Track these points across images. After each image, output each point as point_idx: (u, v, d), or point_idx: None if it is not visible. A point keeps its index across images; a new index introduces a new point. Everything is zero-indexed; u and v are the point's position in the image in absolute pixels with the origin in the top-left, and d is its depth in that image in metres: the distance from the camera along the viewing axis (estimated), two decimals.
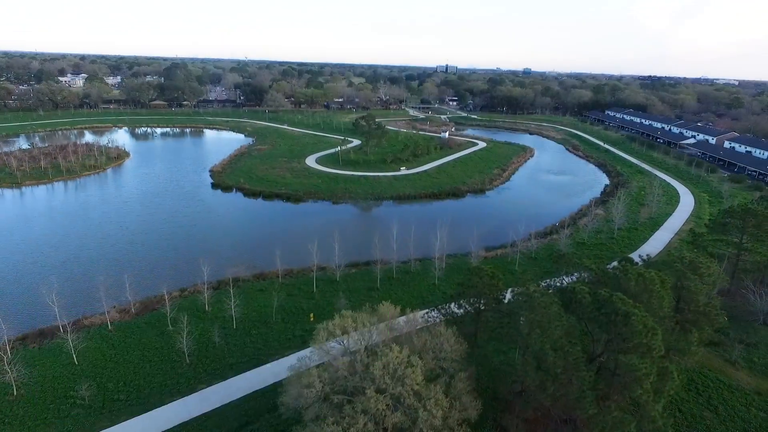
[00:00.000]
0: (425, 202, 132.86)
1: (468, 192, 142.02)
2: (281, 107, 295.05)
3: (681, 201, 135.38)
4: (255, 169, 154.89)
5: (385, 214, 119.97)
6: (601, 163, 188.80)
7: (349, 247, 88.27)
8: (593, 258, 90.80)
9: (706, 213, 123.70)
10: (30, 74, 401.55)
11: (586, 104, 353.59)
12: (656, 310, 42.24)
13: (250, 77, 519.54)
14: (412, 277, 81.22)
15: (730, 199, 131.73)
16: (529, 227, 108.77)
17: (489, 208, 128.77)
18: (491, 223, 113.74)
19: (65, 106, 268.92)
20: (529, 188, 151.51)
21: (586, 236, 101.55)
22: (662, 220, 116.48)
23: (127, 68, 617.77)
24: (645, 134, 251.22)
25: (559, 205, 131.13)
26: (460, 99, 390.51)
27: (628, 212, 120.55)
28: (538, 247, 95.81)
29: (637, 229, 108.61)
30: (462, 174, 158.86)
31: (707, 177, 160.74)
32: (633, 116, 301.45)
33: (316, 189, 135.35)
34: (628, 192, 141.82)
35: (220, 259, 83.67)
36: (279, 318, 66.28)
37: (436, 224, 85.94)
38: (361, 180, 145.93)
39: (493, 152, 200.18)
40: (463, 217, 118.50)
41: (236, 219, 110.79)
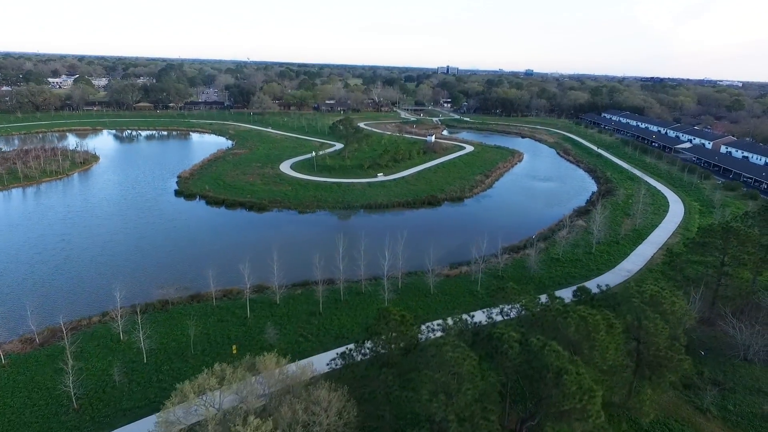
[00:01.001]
0: (398, 211, 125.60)
1: (445, 200, 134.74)
2: (268, 109, 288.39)
3: (670, 210, 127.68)
4: (225, 175, 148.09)
5: (351, 225, 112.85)
6: (591, 169, 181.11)
7: (298, 263, 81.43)
8: (563, 278, 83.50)
9: (695, 224, 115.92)
10: (19, 75, 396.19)
11: (582, 106, 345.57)
12: (599, 363, 34.92)
13: (244, 78, 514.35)
14: (361, 299, 74.00)
15: (722, 209, 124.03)
16: (504, 240, 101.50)
17: (464, 219, 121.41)
18: (462, 235, 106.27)
19: (46, 108, 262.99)
20: (512, 196, 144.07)
21: (562, 251, 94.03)
22: (647, 233, 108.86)
23: (122, 69, 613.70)
24: (640, 138, 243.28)
25: (540, 215, 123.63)
26: (454, 101, 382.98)
27: (612, 223, 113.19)
28: (507, 264, 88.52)
29: (619, 242, 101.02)
30: (442, 180, 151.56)
31: (700, 184, 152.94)
32: (629, 119, 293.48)
33: (284, 197, 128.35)
34: (614, 201, 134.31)
35: (148, 279, 76.78)
36: (199, 349, 59.15)
37: (400, 237, 78.70)
38: (334, 187, 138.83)
39: (480, 157, 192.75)
40: (433, 229, 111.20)
41: (187, 231, 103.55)
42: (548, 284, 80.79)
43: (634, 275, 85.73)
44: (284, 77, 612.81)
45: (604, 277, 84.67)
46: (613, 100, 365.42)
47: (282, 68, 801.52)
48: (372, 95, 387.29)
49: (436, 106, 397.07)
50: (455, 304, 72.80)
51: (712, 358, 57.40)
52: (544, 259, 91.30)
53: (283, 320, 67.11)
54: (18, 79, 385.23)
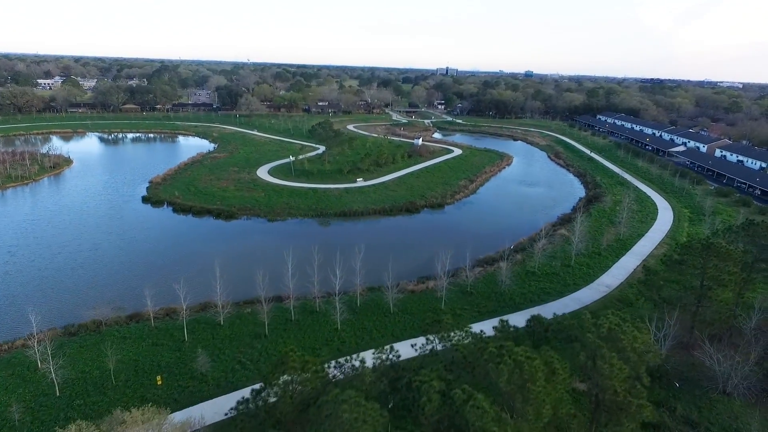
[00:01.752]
0: (374, 218, 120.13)
1: (425, 207, 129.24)
2: (256, 111, 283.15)
3: (658, 218, 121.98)
4: (198, 181, 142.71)
5: (320, 234, 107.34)
6: (581, 173, 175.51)
7: (250, 278, 75.61)
8: (536, 294, 77.89)
9: (683, 233, 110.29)
10: (8, 77, 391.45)
11: (577, 108, 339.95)
12: (532, 421, 29.36)
13: (238, 80, 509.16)
14: (314, 319, 68.42)
15: (712, 217, 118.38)
16: (480, 250, 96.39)
17: (442, 227, 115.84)
18: (437, 245, 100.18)
19: (29, 111, 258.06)
20: (495, 202, 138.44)
21: (538, 264, 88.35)
22: (632, 243, 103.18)
23: (116, 70, 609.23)
24: (634, 141, 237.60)
25: (522, 223, 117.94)
26: (447, 103, 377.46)
27: (595, 232, 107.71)
28: (478, 278, 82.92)
29: (600, 254, 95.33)
30: (424, 186, 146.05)
31: (692, 189, 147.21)
32: (624, 121, 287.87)
33: (255, 204, 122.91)
34: (600, 208, 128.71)
35: (87, 296, 71.40)
36: (122, 380, 53.63)
37: (368, 248, 73.40)
38: (309, 193, 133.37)
39: (467, 161, 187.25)
40: (407, 238, 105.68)
41: (145, 242, 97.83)
42: (519, 301, 75.29)
43: (614, 291, 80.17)
44: (280, 79, 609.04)
45: (580, 293, 79.12)
46: (609, 102, 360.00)
47: (279, 69, 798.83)
48: (365, 97, 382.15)
49: (430, 108, 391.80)
50: (415, 325, 67.26)
51: (688, 391, 51.79)
52: (518, 273, 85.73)
53: (224, 344, 61.60)
54: (5, 81, 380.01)
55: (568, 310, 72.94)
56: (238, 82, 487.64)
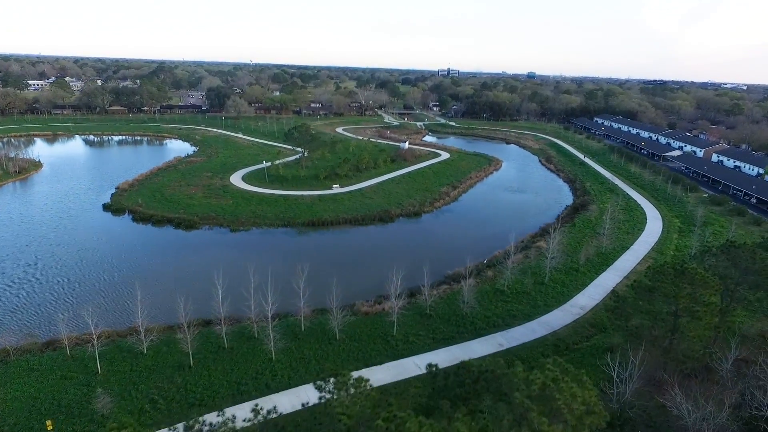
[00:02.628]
0: (345, 228, 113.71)
1: (400, 215, 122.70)
2: (244, 113, 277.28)
3: (646, 228, 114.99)
4: (167, 187, 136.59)
5: (281, 246, 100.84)
6: (571, 179, 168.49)
7: (197, 297, 69.23)
8: (501, 317, 71.18)
9: (671, 246, 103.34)
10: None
11: (573, 110, 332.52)
12: None
13: (233, 81, 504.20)
14: (250, 346, 61.88)
15: (703, 229, 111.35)
16: (449, 265, 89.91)
17: (415, 238, 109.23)
18: (403, 259, 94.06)
19: (11, 112, 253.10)
20: (476, 210, 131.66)
21: (509, 281, 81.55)
22: (615, 256, 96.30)
23: (112, 71, 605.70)
24: (629, 144, 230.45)
25: (501, 233, 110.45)
26: (442, 104, 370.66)
27: (577, 245, 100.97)
28: (442, 297, 76.27)
29: (578, 269, 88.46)
30: (403, 193, 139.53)
31: (685, 197, 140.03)
32: (621, 124, 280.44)
33: (220, 213, 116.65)
34: (585, 217, 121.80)
35: (3, 320, 65.15)
36: (9, 423, 47.28)
37: (308, 268, 66.91)
38: (279, 201, 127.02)
39: (453, 165, 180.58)
40: (373, 251, 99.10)
41: (92, 255, 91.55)
42: (481, 326, 68.62)
43: (587, 313, 73.38)
44: (276, 80, 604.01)
45: (551, 316, 72.39)
46: (608, 104, 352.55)
47: (277, 71, 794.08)
48: (358, 98, 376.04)
49: (425, 110, 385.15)
50: (360, 355, 60.80)
51: None
52: (486, 292, 79.10)
53: (141, 377, 55.23)
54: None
55: (535, 337, 66.63)
56: (232, 83, 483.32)
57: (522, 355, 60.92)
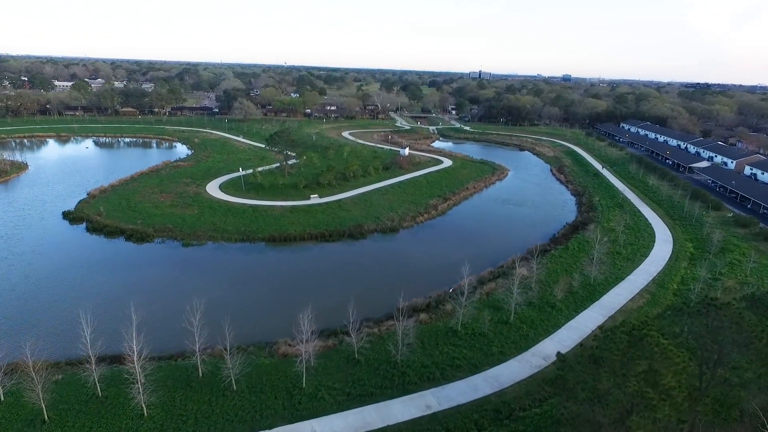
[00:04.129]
0: (309, 245, 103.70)
1: (375, 231, 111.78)
2: (251, 116, 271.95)
3: (652, 254, 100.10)
4: (137, 194, 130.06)
5: (225, 266, 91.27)
6: (579, 192, 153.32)
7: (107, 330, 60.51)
8: (443, 368, 59.31)
9: (676, 278, 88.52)
10: (22, 78, 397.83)
11: (599, 115, 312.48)
12: None
13: (253, 82, 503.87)
14: (128, 395, 52.40)
15: (718, 256, 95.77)
16: (411, 292, 78.70)
17: (381, 259, 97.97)
18: (356, 286, 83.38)
19: (23, 113, 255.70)
20: (462, 227, 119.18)
21: (463, 319, 69.32)
22: (605, 289, 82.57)
23: (141, 73, 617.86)
24: (654, 153, 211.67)
25: (481, 255, 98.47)
26: (459, 108, 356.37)
27: (563, 272, 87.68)
28: (378, 338, 65.02)
29: (555, 305, 75.37)
30: (386, 205, 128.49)
31: (705, 216, 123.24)
32: (648, 131, 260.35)
33: (179, 224, 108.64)
34: (582, 237, 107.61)
35: None
36: None
37: (203, 303, 57.54)
38: (247, 212, 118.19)
39: (452, 174, 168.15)
40: (326, 275, 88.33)
41: (23, 271, 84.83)
42: (413, 379, 57.07)
43: (550, 366, 60.45)
44: (302, 82, 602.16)
45: (504, 367, 60.09)
46: (638, 109, 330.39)
47: (302, 72, 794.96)
48: (374, 101, 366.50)
49: (443, 114, 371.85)
50: (251, 414, 50.43)
51: None
52: (437, 331, 67.45)
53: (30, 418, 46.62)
54: (22, 83, 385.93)
55: (475, 397, 54.76)
56: (255, 84, 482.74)
57: (450, 424, 49.35)
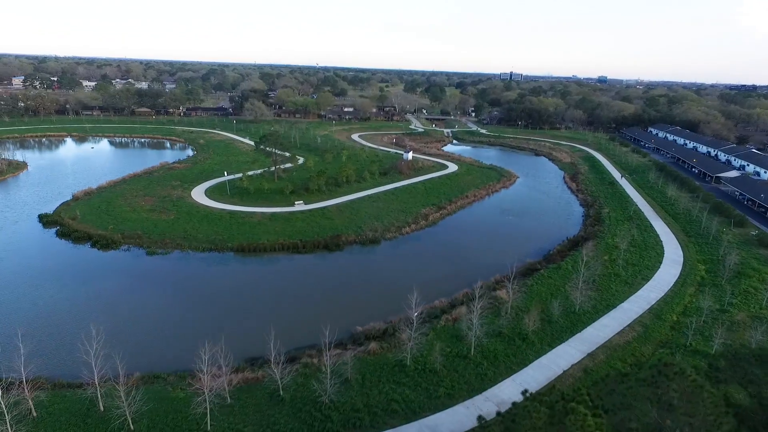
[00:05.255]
0: (279, 256, 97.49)
1: (354, 242, 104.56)
2: (262, 117, 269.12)
3: (656, 276, 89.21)
4: (119, 197, 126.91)
5: (181, 279, 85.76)
6: (589, 202, 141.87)
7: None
8: (375, 411, 51.46)
9: (678, 307, 77.77)
10: (51, 79, 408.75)
11: (625, 119, 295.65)
12: None
13: (273, 83, 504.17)
14: None
15: (736, 282, 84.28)
16: (370, 316, 71.65)
17: (352, 275, 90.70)
18: (320, 303, 76.46)
19: (41, 113, 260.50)
20: (452, 239, 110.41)
21: (414, 352, 61.20)
22: (592, 318, 72.85)
23: (169, 74, 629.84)
24: (680, 161, 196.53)
25: (459, 274, 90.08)
26: (478, 110, 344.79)
27: (546, 296, 78.37)
28: (302, 372, 57.65)
29: (527, 338, 66.28)
30: (373, 214, 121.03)
31: (725, 233, 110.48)
32: (677, 136, 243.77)
33: (150, 230, 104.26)
34: (578, 256, 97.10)
35: None
36: None
37: (102, 330, 51.57)
38: (224, 219, 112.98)
39: (454, 180, 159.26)
40: (285, 294, 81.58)
41: None
42: (335, 426, 49.42)
43: (503, 416, 51.85)
44: (327, 83, 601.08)
45: (447, 414, 51.88)
46: (670, 112, 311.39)
47: (328, 73, 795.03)
48: (392, 102, 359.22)
49: (463, 116, 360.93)
50: None
51: None
52: (384, 364, 59.69)
53: None
54: (51, 83, 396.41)
55: None
56: (274, 85, 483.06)
57: None
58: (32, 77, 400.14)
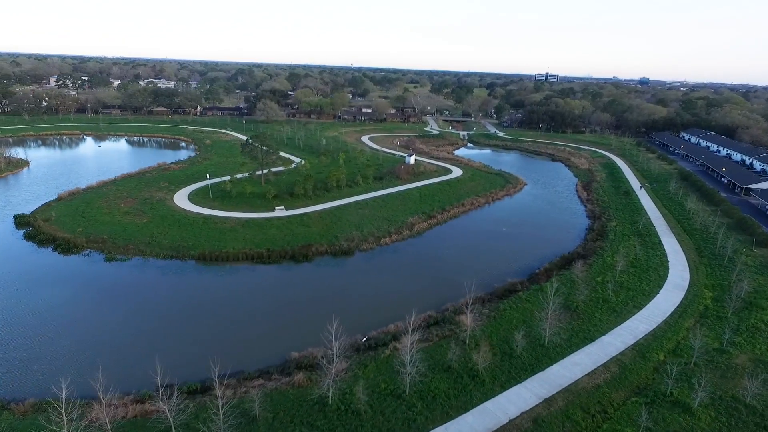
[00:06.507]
0: (242, 265, 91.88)
1: (325, 253, 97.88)
2: (273, 118, 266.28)
3: (653, 303, 78.66)
4: (101, 198, 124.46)
5: (127, 290, 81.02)
6: (597, 214, 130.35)
7: None
8: None
9: (670, 342, 67.43)
10: (83, 78, 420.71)
11: (656, 123, 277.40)
12: None
13: (297, 83, 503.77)
14: None
15: (745, 314, 72.97)
16: (312, 340, 64.90)
17: (311, 289, 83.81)
18: (261, 323, 70.19)
19: (63, 111, 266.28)
20: (434, 252, 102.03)
21: (333, 390, 53.87)
22: (563, 353, 63.60)
23: (199, 74, 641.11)
24: (709, 169, 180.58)
25: (433, 292, 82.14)
26: (498, 112, 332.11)
27: (517, 323, 69.44)
28: (198, 406, 51.22)
29: (477, 375, 57.76)
30: (355, 222, 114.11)
31: (743, 254, 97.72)
32: (711, 142, 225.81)
33: (118, 234, 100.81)
34: (570, 276, 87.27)
35: None
36: None
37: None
38: (197, 223, 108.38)
39: (454, 187, 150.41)
40: (229, 307, 75.56)
41: None
42: None
43: None
44: (354, 83, 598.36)
45: None
46: (707, 116, 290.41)
47: (356, 73, 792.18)
48: (411, 103, 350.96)
49: (486, 117, 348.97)
50: None
51: None
52: (305, 401, 52.64)
53: None
54: (82, 82, 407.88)
55: None
56: (297, 85, 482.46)
57: None
58: (64, 77, 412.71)
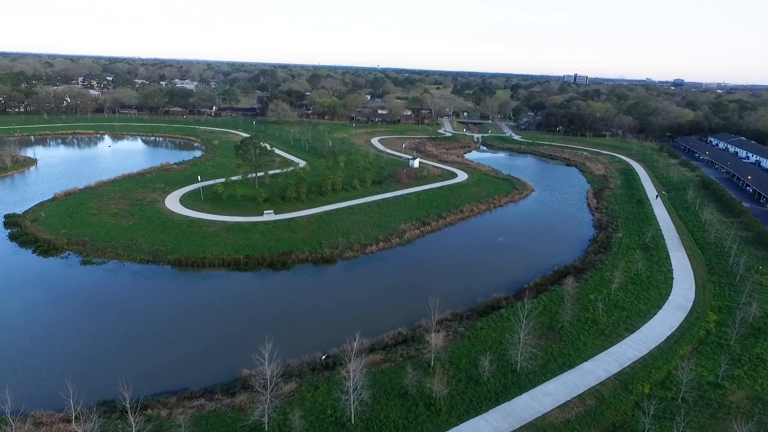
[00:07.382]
0: (220, 271, 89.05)
1: (305, 261, 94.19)
2: (285, 118, 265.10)
3: (646, 327, 72.02)
4: (93, 199, 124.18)
5: (91, 296, 78.91)
6: (604, 224, 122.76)
7: None
8: None
9: (660, 372, 60.95)
10: (107, 79, 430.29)
11: (681, 127, 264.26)
12: None
13: (316, 83, 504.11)
14: None
15: (750, 342, 65.83)
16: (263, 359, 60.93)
17: (282, 300, 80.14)
18: (214, 338, 66.85)
19: (81, 111, 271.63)
20: (420, 262, 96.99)
21: (268, 419, 49.77)
22: (536, 381, 57.96)
23: (223, 75, 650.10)
24: (734, 177, 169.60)
25: (414, 305, 77.33)
26: (516, 114, 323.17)
27: (491, 346, 64.05)
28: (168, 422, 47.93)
29: (434, 404, 52.74)
30: (344, 228, 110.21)
31: (760, 272, 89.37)
32: (740, 148, 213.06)
33: (99, 236, 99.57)
34: (559, 293, 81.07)
35: None
36: None
37: None
38: (181, 226, 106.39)
39: (456, 192, 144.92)
40: (192, 318, 72.52)
41: None
42: None
43: None
44: (375, 84, 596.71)
45: None
46: (741, 120, 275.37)
47: (378, 74, 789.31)
48: (428, 104, 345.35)
49: (500, 120, 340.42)
50: None
51: None
52: (240, 428, 48.81)
53: None
54: (107, 83, 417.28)
55: None
56: (317, 86, 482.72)
57: None
58: (90, 77, 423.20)
